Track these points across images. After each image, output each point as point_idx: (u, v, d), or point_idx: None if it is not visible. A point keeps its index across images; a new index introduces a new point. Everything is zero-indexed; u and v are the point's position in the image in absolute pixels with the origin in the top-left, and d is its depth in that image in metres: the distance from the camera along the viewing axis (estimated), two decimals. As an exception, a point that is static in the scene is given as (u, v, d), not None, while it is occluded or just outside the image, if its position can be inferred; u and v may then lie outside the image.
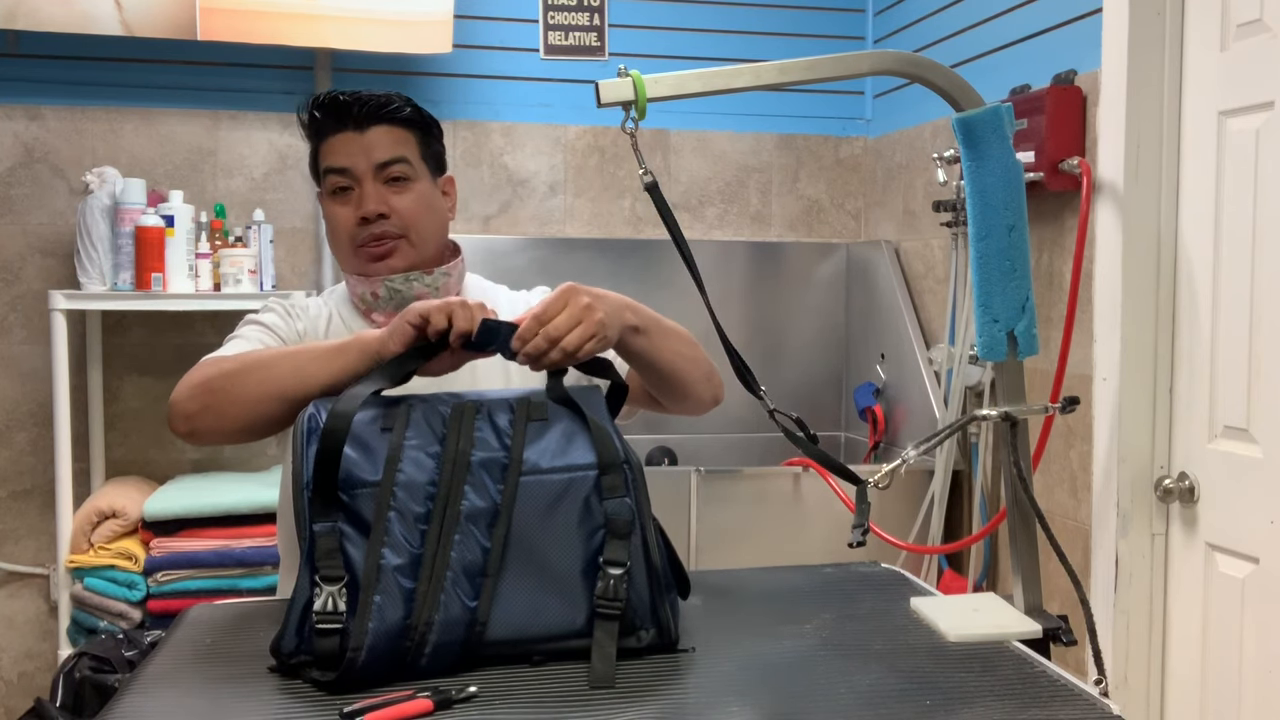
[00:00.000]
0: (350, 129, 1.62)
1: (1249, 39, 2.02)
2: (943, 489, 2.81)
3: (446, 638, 1.15)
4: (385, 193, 1.62)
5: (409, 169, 1.64)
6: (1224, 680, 2.10)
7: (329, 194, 1.64)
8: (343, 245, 1.64)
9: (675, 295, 3.32)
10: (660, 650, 1.21)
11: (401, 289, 1.62)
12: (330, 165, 1.63)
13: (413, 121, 1.66)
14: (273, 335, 1.62)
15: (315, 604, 1.13)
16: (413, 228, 1.63)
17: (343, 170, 1.62)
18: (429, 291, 1.64)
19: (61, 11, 2.84)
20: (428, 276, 1.64)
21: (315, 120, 1.64)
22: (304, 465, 1.18)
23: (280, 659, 1.17)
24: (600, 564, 1.18)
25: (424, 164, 1.67)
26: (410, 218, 1.63)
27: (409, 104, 1.67)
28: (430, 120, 1.70)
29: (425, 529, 1.16)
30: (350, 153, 1.61)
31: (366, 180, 1.61)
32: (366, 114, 1.62)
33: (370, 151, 1.61)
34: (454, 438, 1.20)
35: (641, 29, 3.39)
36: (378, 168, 1.61)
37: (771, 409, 1.40)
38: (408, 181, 1.63)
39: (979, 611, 1.39)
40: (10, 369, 3.03)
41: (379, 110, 1.63)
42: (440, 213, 1.69)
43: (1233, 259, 2.06)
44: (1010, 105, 1.38)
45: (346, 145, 1.62)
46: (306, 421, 1.22)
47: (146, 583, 2.70)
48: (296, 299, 1.72)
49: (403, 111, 1.65)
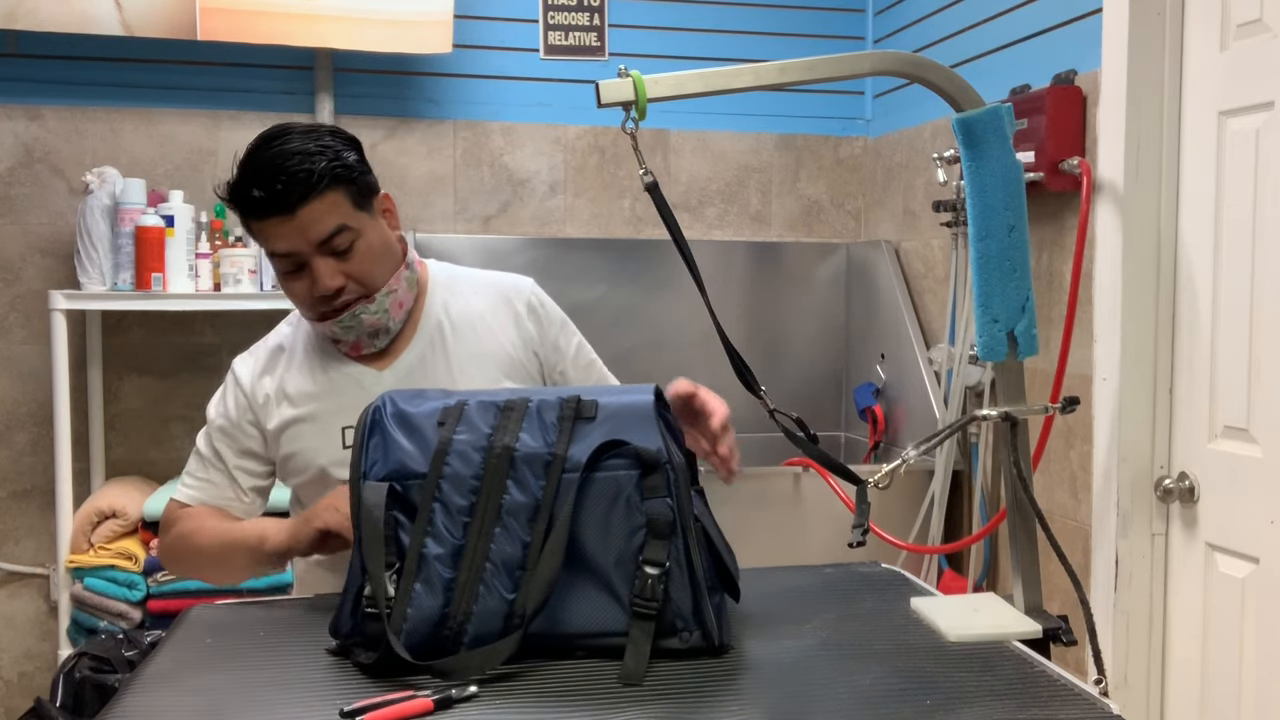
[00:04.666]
0: (277, 215, 1.53)
1: (1249, 39, 2.02)
2: (943, 489, 2.81)
3: (484, 628, 1.18)
4: (335, 264, 1.56)
5: (350, 234, 1.56)
6: (1224, 680, 2.10)
7: (280, 271, 1.60)
8: (305, 310, 1.64)
9: (675, 295, 3.34)
10: (706, 653, 1.22)
11: (352, 324, 1.61)
12: (273, 250, 1.57)
13: (336, 179, 1.54)
14: (218, 454, 1.68)
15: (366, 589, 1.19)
16: (371, 281, 1.60)
17: (287, 255, 1.57)
18: (379, 317, 1.62)
19: (61, 11, 2.84)
20: (370, 305, 1.61)
21: (239, 210, 1.57)
22: (363, 456, 1.24)
23: (337, 639, 1.24)
24: (639, 563, 1.19)
25: (360, 212, 1.58)
26: (366, 276, 1.59)
27: (325, 154, 1.54)
28: (350, 157, 1.58)
29: (468, 521, 1.20)
30: (286, 237, 1.54)
31: (314, 258, 1.56)
32: (290, 198, 1.52)
33: (306, 231, 1.53)
34: (500, 433, 1.23)
35: (641, 29, 3.39)
36: (320, 244, 1.55)
37: (771, 409, 1.40)
38: (353, 244, 1.57)
39: (979, 611, 1.39)
40: (10, 369, 3.03)
41: (300, 189, 1.51)
42: (390, 245, 1.65)
43: (1233, 259, 2.06)
44: (1010, 105, 1.39)
45: (280, 231, 1.54)
46: (371, 414, 1.27)
47: (146, 583, 2.70)
48: (239, 376, 1.69)
49: (323, 181, 1.52)
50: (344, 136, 1.61)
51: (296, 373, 1.68)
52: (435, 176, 3.27)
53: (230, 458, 1.67)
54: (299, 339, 1.71)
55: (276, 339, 1.73)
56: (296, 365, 1.69)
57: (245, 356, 1.73)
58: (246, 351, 1.74)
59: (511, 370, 1.70)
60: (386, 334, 1.66)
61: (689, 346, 3.29)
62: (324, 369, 1.67)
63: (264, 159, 1.53)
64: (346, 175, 1.56)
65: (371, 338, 1.65)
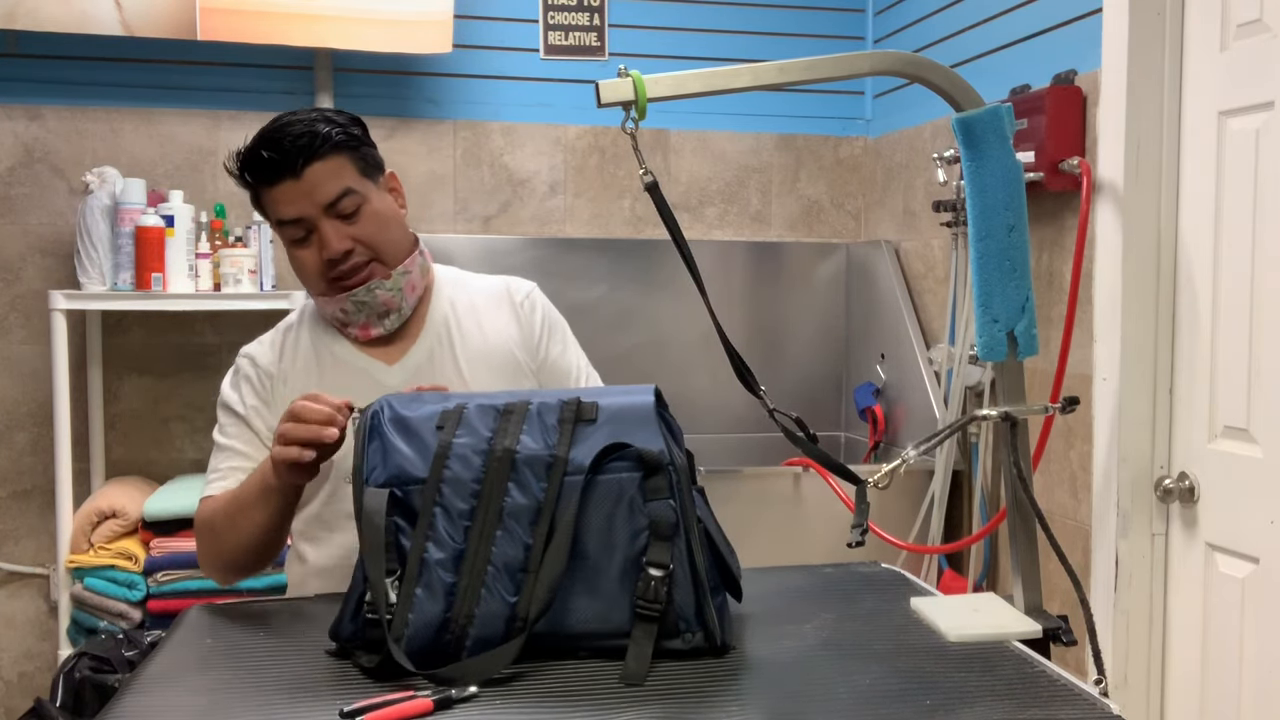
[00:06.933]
0: (286, 178, 1.58)
1: (1249, 39, 2.02)
2: (943, 489, 2.81)
3: (487, 631, 1.18)
4: (343, 228, 1.60)
5: (356, 197, 1.61)
6: (1224, 680, 2.10)
7: (288, 241, 1.63)
8: (315, 283, 1.64)
9: (675, 295, 3.34)
10: (708, 654, 1.22)
11: (366, 300, 1.63)
12: (281, 217, 1.61)
13: (342, 144, 1.61)
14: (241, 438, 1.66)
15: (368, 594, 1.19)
16: (379, 247, 1.63)
17: (295, 221, 1.60)
18: (393, 295, 1.65)
19: (61, 11, 2.84)
20: (387, 281, 1.64)
21: (249, 178, 1.61)
22: (364, 460, 1.24)
23: (338, 643, 1.23)
24: (642, 565, 1.19)
25: (366, 180, 1.64)
26: (374, 240, 1.62)
27: (331, 124, 1.61)
28: (355, 130, 1.65)
29: (469, 525, 1.20)
30: (294, 200, 1.59)
31: (321, 221, 1.59)
32: (297, 158, 1.57)
33: (314, 194, 1.58)
34: (500, 436, 1.23)
35: (641, 29, 3.39)
36: (327, 207, 1.59)
37: (771, 409, 1.40)
38: (360, 207, 1.61)
39: (979, 611, 1.39)
40: (10, 369, 3.03)
41: (307, 150, 1.57)
42: (397, 217, 1.68)
43: (1233, 259, 2.06)
44: (1010, 105, 1.39)
45: (289, 195, 1.59)
46: (369, 419, 1.27)
47: (146, 583, 2.70)
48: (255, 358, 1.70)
49: (330, 141, 1.59)
50: (349, 115, 1.67)
51: (303, 366, 1.68)
52: (435, 176, 3.27)
53: (257, 443, 1.66)
54: (304, 332, 1.71)
55: (284, 328, 1.74)
56: (303, 358, 1.69)
57: (255, 346, 1.73)
58: (254, 341, 1.74)
59: (516, 370, 1.70)
60: (398, 315, 1.67)
61: (689, 346, 3.29)
62: (334, 362, 1.68)
63: (272, 129, 1.60)
64: (351, 143, 1.63)
65: (381, 318, 1.65)
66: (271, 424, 1.66)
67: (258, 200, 1.64)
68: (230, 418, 1.68)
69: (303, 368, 1.67)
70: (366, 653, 1.20)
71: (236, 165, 1.61)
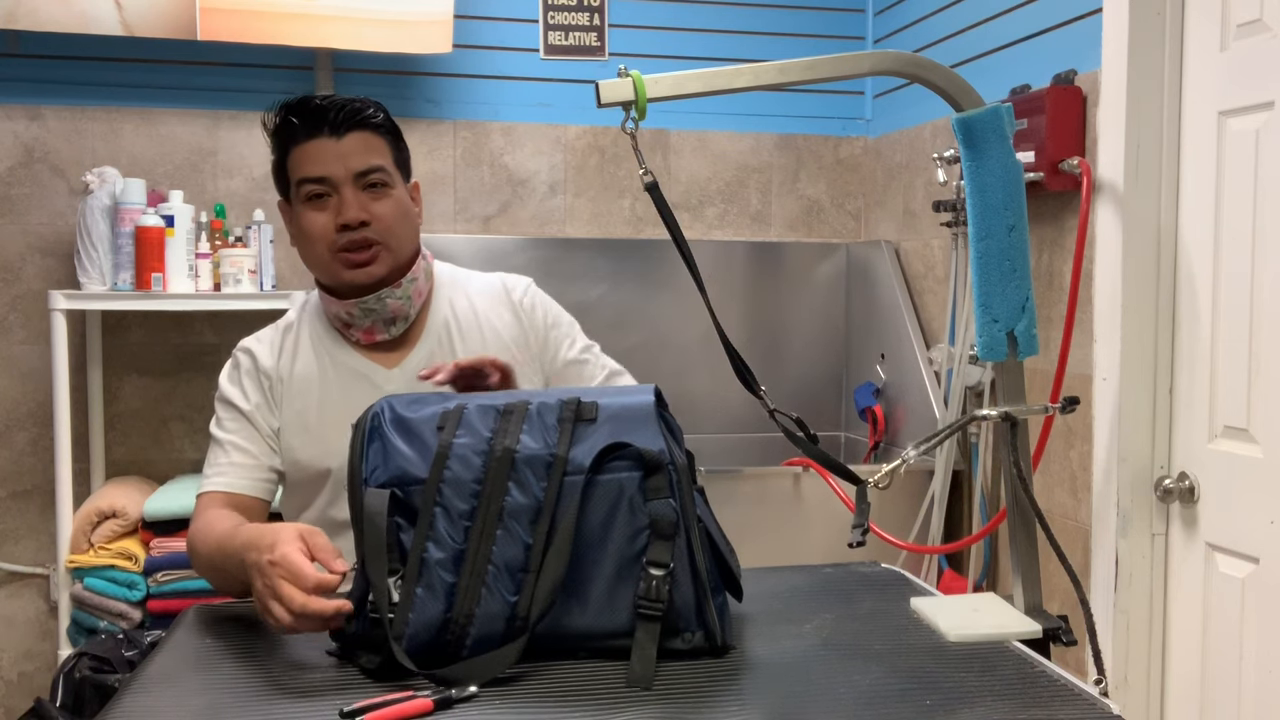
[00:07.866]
0: (325, 135, 1.60)
1: (1249, 39, 2.02)
2: (943, 489, 2.81)
3: (487, 631, 1.18)
4: (365, 199, 1.61)
5: (386, 176, 1.63)
6: (1224, 680, 2.10)
7: (304, 200, 1.62)
8: (320, 253, 1.62)
9: (675, 295, 3.34)
10: (708, 654, 1.22)
11: (375, 307, 1.64)
12: (307, 175, 1.61)
13: (386, 128, 1.65)
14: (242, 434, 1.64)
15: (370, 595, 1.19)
16: (391, 235, 1.63)
17: (320, 179, 1.60)
18: (402, 303, 1.65)
19: (61, 11, 2.84)
20: (397, 290, 1.65)
21: (289, 126, 1.61)
22: (362, 462, 1.23)
23: (339, 643, 1.23)
24: (643, 564, 1.19)
25: (397, 170, 1.66)
26: (389, 225, 1.63)
27: (381, 109, 1.66)
28: (397, 128, 1.70)
29: (469, 525, 1.20)
30: (326, 160, 1.60)
31: (346, 187, 1.60)
32: (343, 120, 1.60)
33: (348, 159, 1.60)
34: (500, 436, 1.23)
35: (641, 29, 3.39)
36: (356, 175, 1.60)
37: (771, 409, 1.40)
38: (385, 189, 1.63)
39: (979, 611, 1.39)
40: (10, 369, 3.03)
41: (355, 116, 1.61)
42: (414, 219, 1.69)
43: (1233, 259, 2.06)
44: (1010, 105, 1.39)
45: (322, 152, 1.60)
46: (370, 420, 1.26)
47: (146, 583, 2.70)
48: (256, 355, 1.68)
49: (377, 117, 1.64)
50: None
51: (303, 369, 1.67)
52: (435, 176, 3.27)
53: (259, 440, 1.65)
54: (304, 333, 1.71)
55: (283, 327, 1.73)
56: (302, 361, 1.68)
57: (254, 343, 1.71)
58: (252, 336, 1.73)
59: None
60: (404, 321, 1.67)
61: (689, 346, 3.29)
62: (333, 364, 1.67)
63: (322, 95, 1.63)
64: (394, 131, 1.68)
65: (388, 324, 1.66)
66: (274, 424, 1.66)
67: (281, 163, 1.64)
68: (231, 413, 1.66)
69: (302, 371, 1.67)
70: (367, 652, 1.20)
71: (278, 114, 1.62)
